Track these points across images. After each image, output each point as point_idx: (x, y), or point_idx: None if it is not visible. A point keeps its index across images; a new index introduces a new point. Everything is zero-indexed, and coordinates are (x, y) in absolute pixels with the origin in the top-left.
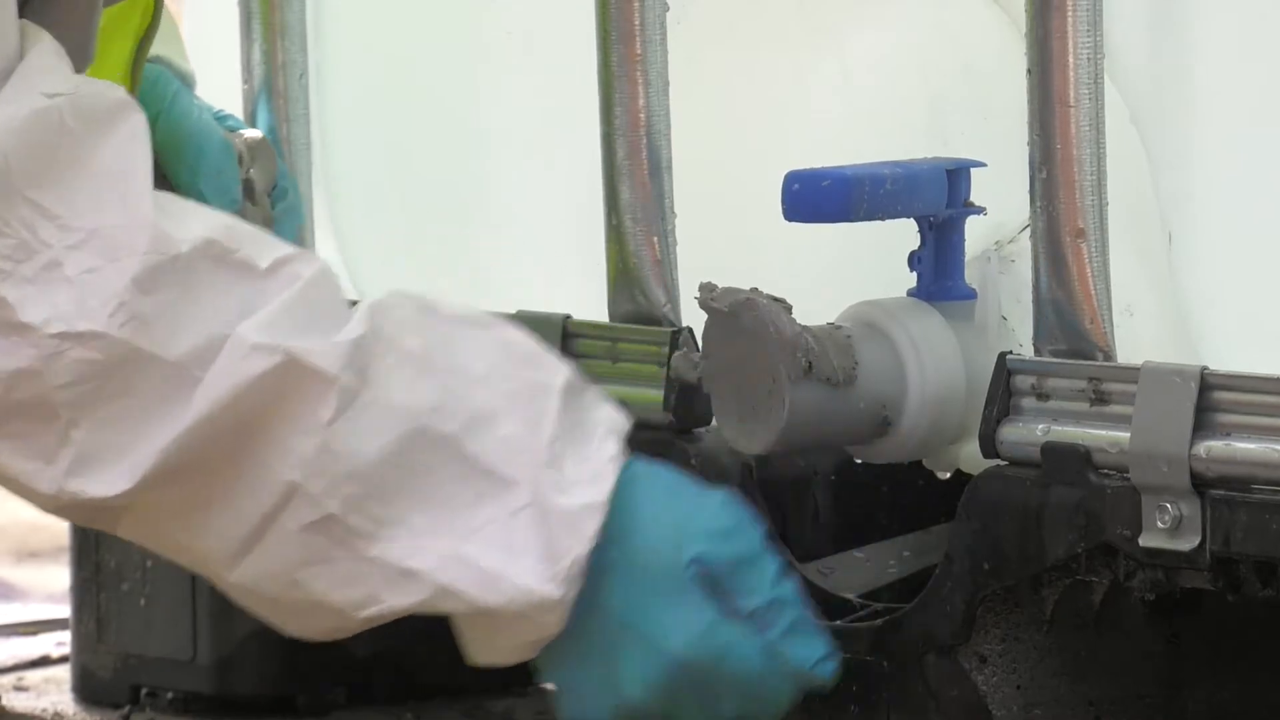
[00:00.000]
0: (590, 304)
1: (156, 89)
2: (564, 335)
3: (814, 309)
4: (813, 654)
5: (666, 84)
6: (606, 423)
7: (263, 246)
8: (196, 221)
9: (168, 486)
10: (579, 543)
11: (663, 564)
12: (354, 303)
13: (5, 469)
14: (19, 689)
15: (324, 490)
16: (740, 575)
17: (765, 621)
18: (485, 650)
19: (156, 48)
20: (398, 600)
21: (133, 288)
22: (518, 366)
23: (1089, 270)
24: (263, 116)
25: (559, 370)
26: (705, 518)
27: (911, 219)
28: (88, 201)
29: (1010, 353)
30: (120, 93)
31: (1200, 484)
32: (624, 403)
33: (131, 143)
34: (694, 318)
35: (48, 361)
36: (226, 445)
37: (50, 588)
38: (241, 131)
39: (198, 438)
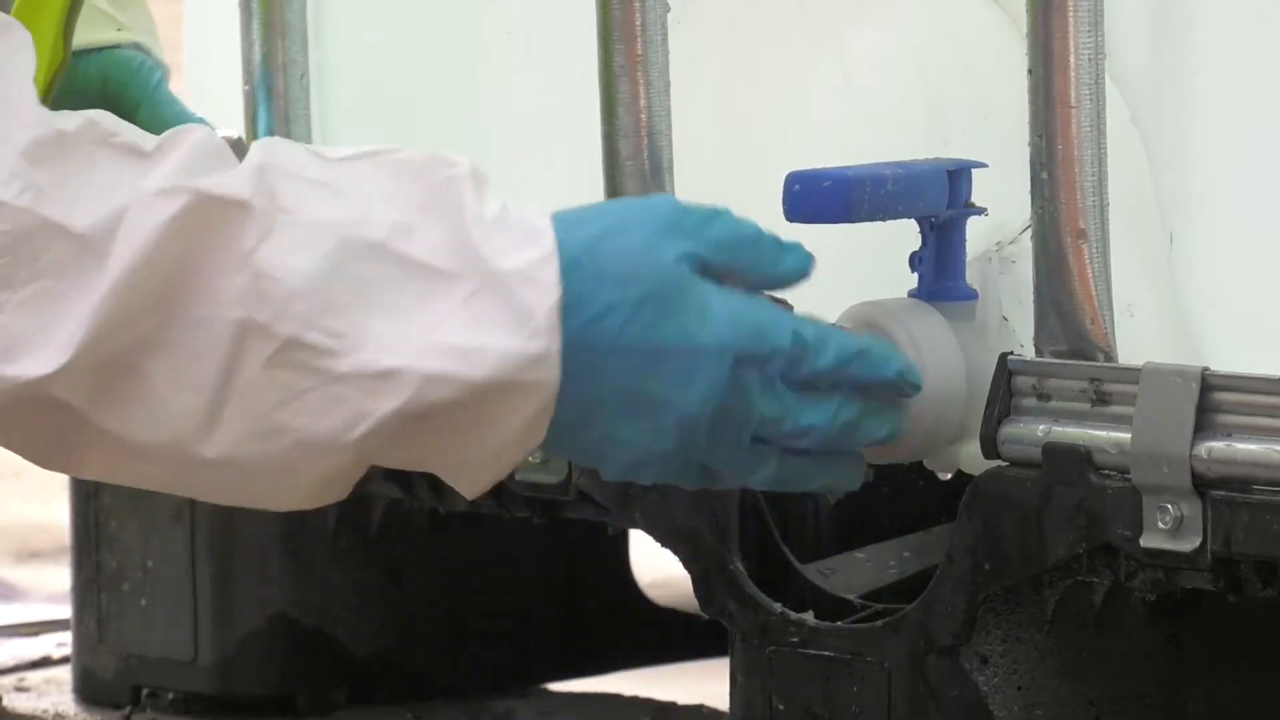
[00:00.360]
0: None
1: (139, 77)
2: None
3: (815, 309)
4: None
5: (667, 84)
6: (517, 197)
7: (144, 135)
8: (75, 114)
9: (109, 366)
10: (545, 293)
11: (655, 279)
12: None
13: None
14: (20, 690)
15: (274, 316)
16: (735, 253)
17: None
18: (488, 456)
19: (135, 35)
20: (384, 405)
21: (23, 160)
22: (418, 178)
23: (1090, 271)
24: (263, 117)
25: (460, 161)
26: (665, 214)
27: (912, 219)
28: None
29: (1011, 353)
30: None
31: (1201, 485)
32: None
33: (12, 56)
34: None
35: None
36: (157, 302)
37: (51, 588)
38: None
39: (124, 299)
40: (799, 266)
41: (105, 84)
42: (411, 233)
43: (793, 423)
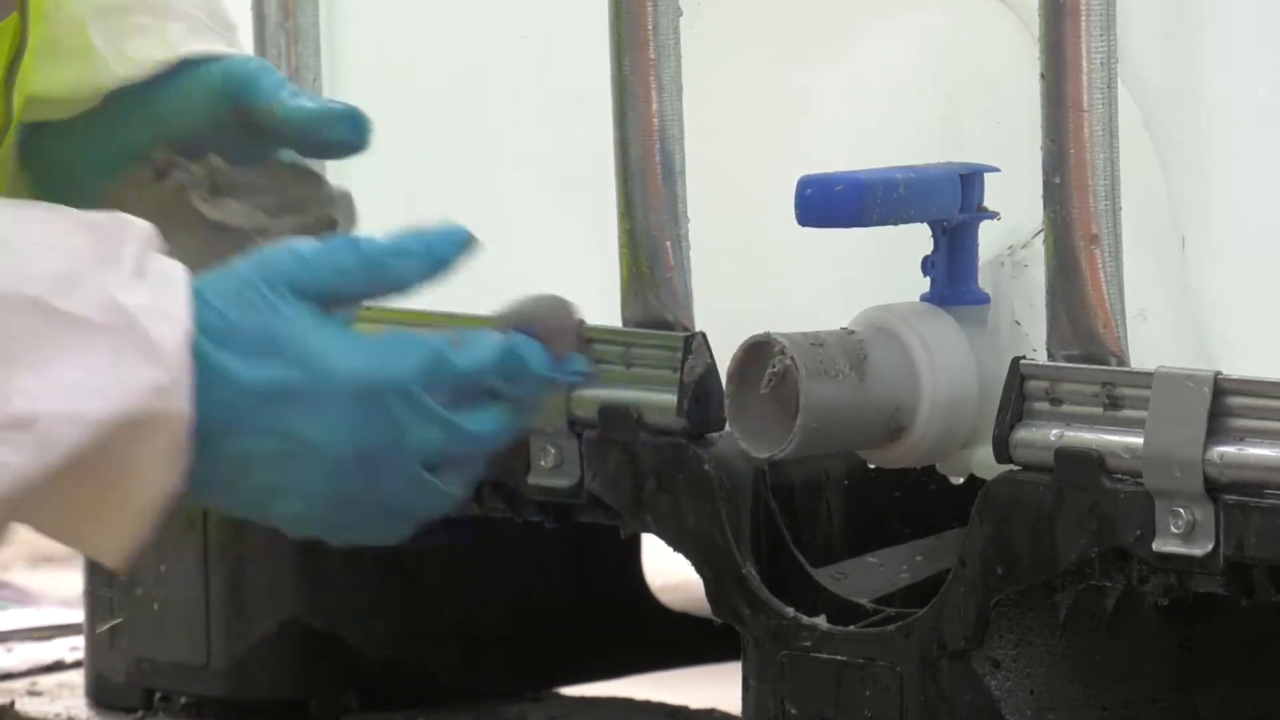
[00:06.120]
0: (603, 309)
1: (264, 74)
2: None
3: (827, 314)
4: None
5: (680, 89)
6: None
7: None
8: None
9: None
10: (175, 326)
11: (277, 323)
12: None
13: None
14: (33, 694)
15: None
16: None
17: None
18: (129, 507)
19: (245, 51)
20: (21, 456)
21: None
22: (91, 232)
23: (1102, 275)
24: None
25: (139, 223)
26: (278, 264)
27: (925, 224)
28: None
29: (1023, 357)
30: None
31: (1213, 489)
32: (638, 407)
33: None
34: (707, 322)
35: None
36: None
37: (64, 592)
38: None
39: None
40: (424, 269)
41: (226, 85)
42: (71, 286)
43: (459, 441)
